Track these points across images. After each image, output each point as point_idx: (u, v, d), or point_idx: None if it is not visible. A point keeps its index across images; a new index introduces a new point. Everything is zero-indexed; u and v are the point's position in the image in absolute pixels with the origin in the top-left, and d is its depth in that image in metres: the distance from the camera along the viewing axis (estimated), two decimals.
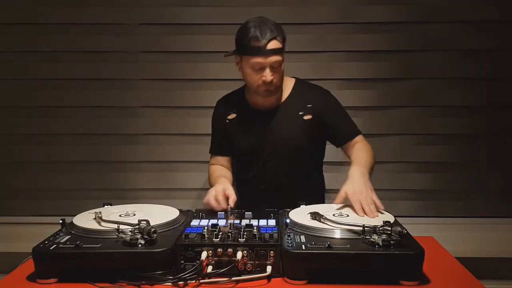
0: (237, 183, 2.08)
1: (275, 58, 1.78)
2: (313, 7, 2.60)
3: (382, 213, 1.58)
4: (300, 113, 1.94)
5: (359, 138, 1.97)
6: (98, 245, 1.34)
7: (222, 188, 1.75)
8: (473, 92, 2.63)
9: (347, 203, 1.65)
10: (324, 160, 2.14)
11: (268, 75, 1.80)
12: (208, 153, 2.13)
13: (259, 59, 1.78)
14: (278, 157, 1.96)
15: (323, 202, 1.99)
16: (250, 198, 2.00)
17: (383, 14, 2.59)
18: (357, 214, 1.57)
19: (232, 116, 2.01)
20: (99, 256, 1.31)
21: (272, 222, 1.53)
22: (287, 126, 1.94)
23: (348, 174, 1.70)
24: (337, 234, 1.40)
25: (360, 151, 1.89)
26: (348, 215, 1.57)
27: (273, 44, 1.77)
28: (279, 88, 1.90)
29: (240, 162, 2.08)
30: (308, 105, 1.94)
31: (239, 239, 1.35)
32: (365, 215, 1.55)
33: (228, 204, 1.71)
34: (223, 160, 2.08)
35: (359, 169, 1.72)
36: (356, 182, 1.65)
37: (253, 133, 1.97)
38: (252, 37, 1.76)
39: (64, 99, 2.68)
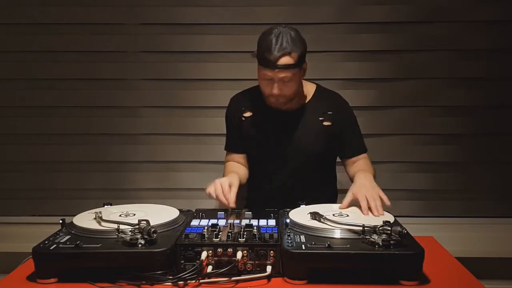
0: (249, 182, 2.06)
1: (284, 74, 1.74)
2: (313, 7, 2.60)
3: (387, 212, 1.58)
4: (320, 118, 1.92)
5: (363, 155, 1.97)
6: (98, 245, 1.34)
7: (227, 182, 1.72)
8: (473, 92, 2.63)
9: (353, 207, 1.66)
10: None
11: (275, 88, 1.77)
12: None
13: (268, 72, 1.75)
14: (294, 161, 1.93)
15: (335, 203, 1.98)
16: (261, 199, 1.98)
17: (383, 14, 2.59)
18: (362, 212, 1.57)
19: (248, 114, 1.97)
20: (99, 256, 1.31)
21: (272, 222, 1.53)
22: (306, 131, 1.92)
23: (354, 180, 1.73)
24: (337, 234, 1.40)
25: (363, 166, 1.90)
26: (348, 215, 1.57)
27: (285, 60, 1.71)
28: (291, 99, 1.85)
29: (253, 162, 2.04)
30: (329, 112, 1.92)
31: (239, 239, 1.35)
32: (370, 213, 1.55)
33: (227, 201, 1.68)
34: (239, 157, 2.03)
35: (365, 174, 1.74)
36: (362, 182, 1.67)
37: (270, 134, 1.94)
38: (266, 48, 1.72)
39: (64, 99, 2.68)
